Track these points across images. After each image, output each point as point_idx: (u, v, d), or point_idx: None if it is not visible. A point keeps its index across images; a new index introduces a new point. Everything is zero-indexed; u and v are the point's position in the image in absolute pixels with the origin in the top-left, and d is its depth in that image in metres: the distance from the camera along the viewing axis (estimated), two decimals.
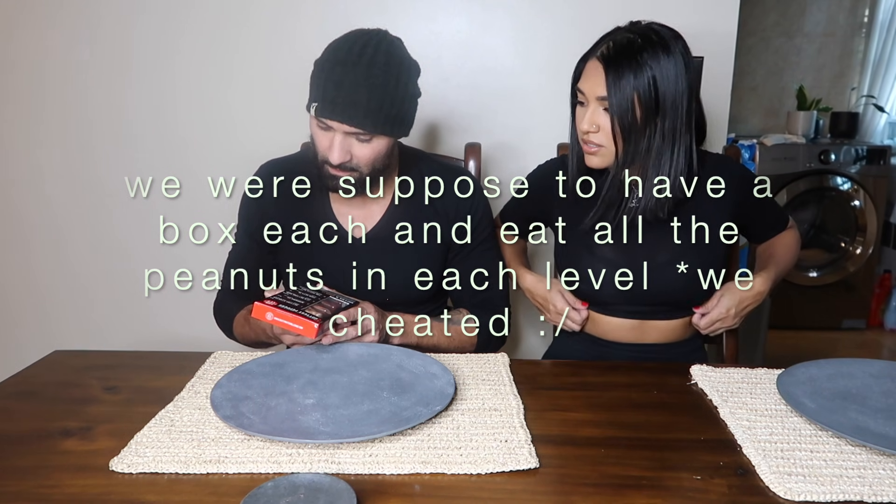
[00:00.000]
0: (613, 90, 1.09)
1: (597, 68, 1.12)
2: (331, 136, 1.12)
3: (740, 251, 1.54)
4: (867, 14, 3.52)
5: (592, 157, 1.17)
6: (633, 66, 1.08)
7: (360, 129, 1.10)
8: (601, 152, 1.15)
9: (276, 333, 1.07)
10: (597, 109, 1.13)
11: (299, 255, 1.25)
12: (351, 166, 1.14)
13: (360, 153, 1.13)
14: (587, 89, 1.13)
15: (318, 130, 1.13)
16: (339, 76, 1.08)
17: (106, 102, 1.84)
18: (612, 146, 1.13)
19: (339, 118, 1.08)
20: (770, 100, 3.62)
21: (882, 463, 0.78)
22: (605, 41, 1.14)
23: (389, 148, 1.17)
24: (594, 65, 1.12)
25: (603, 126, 1.13)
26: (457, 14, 1.76)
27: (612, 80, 1.09)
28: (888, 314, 3.23)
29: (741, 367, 1.06)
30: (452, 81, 1.79)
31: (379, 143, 1.14)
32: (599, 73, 1.11)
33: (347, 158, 1.12)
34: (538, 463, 0.79)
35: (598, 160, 1.17)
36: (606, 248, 1.22)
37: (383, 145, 1.15)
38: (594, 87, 1.12)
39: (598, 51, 1.13)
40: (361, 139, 1.12)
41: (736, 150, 1.45)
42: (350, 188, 1.16)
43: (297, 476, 0.73)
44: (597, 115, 1.13)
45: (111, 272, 1.94)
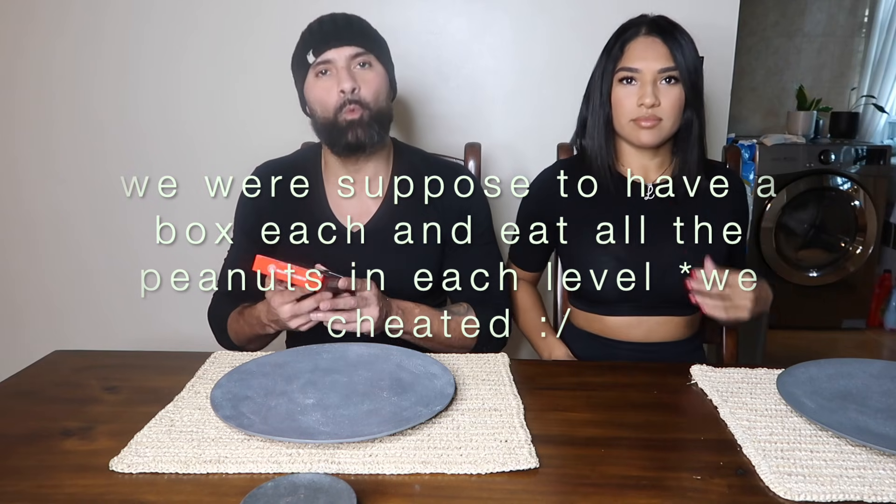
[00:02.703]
0: (681, 56, 1.14)
1: (654, 43, 1.15)
2: (333, 76, 1.15)
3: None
4: (867, 14, 3.52)
5: (649, 132, 1.17)
6: (685, 37, 1.15)
7: (359, 48, 1.15)
8: (660, 126, 1.17)
9: (275, 305, 1.04)
10: (655, 83, 1.15)
11: (297, 255, 1.25)
12: (359, 98, 1.15)
13: (363, 81, 1.16)
14: (644, 65, 1.15)
15: (319, 83, 1.17)
16: (326, 21, 1.18)
17: (113, 103, 1.84)
18: (670, 119, 1.16)
19: (337, 43, 1.14)
20: (770, 100, 3.63)
21: (882, 463, 0.78)
22: (643, 23, 1.18)
23: (388, 87, 1.21)
24: (648, 41, 1.16)
25: (663, 99, 1.15)
26: (457, 14, 1.76)
27: (676, 48, 1.14)
28: (888, 314, 3.23)
29: (741, 367, 1.06)
30: (452, 81, 1.79)
31: (378, 72, 1.18)
32: (658, 46, 1.15)
33: (356, 86, 1.15)
34: (538, 463, 0.79)
35: (655, 134, 1.17)
36: (609, 248, 1.22)
37: (382, 76, 1.19)
38: (655, 60, 1.15)
39: (641, 29, 1.17)
40: (362, 64, 1.16)
41: (736, 150, 1.45)
42: (364, 136, 1.16)
43: (297, 476, 0.73)
44: (655, 88, 1.15)
45: (118, 272, 1.94)
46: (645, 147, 1.20)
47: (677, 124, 1.18)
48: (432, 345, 1.19)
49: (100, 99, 1.84)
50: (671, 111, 1.16)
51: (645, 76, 1.15)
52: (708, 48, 1.67)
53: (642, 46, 1.16)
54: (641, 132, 1.17)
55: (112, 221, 1.91)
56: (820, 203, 3.16)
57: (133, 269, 1.92)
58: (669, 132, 1.18)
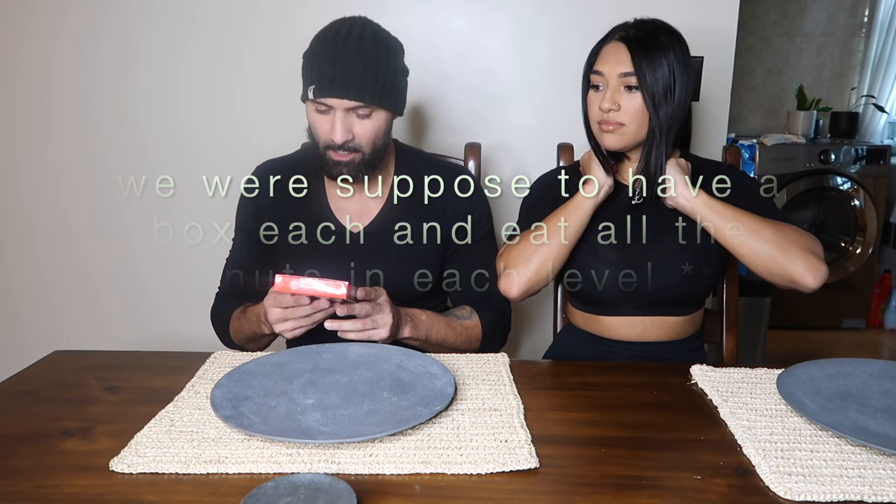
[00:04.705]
0: (642, 62, 1.13)
1: (618, 48, 1.16)
2: (331, 117, 1.13)
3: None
4: (867, 14, 3.52)
5: (610, 135, 1.18)
6: (656, 44, 1.14)
7: (359, 102, 1.11)
8: (619, 131, 1.17)
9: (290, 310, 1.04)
10: (617, 88, 1.15)
11: (297, 255, 1.25)
12: (353, 146, 1.14)
13: (360, 130, 1.14)
14: (607, 70, 1.16)
15: (316, 116, 1.15)
16: (331, 55, 1.11)
17: (113, 103, 1.84)
18: (633, 124, 1.16)
19: (339, 94, 1.10)
20: (770, 100, 3.62)
21: (882, 463, 0.78)
22: (621, 29, 1.18)
23: (388, 125, 1.19)
24: (614, 46, 1.17)
25: (624, 104, 1.15)
26: (457, 14, 1.76)
27: (638, 54, 1.13)
28: (888, 314, 3.23)
29: (741, 367, 1.05)
30: (452, 81, 1.79)
31: (378, 119, 1.15)
32: (622, 52, 1.15)
33: (350, 137, 1.13)
34: (538, 463, 0.79)
35: (616, 139, 1.18)
36: (609, 249, 1.22)
37: (382, 121, 1.16)
38: (616, 65, 1.15)
39: (615, 35, 1.18)
40: (361, 115, 1.14)
41: (736, 149, 1.45)
42: (353, 174, 1.16)
43: (297, 476, 0.73)
44: (617, 93, 1.15)
45: (118, 272, 1.95)
46: (610, 149, 1.20)
47: (643, 130, 1.17)
48: (437, 349, 1.19)
49: (99, 99, 1.84)
50: (632, 117, 1.16)
51: (609, 81, 1.16)
52: (708, 48, 1.67)
53: (608, 52, 1.17)
54: (604, 135, 1.19)
55: (112, 221, 1.91)
56: (820, 203, 3.16)
57: (133, 269, 1.93)
58: (634, 137, 1.18)
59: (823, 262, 1.12)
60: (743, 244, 1.12)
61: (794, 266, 1.09)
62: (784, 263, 1.10)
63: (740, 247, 1.13)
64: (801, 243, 1.12)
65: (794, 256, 1.10)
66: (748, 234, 1.11)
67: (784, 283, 1.13)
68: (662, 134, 1.16)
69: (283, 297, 1.03)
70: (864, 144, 3.09)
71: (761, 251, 1.11)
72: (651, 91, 1.14)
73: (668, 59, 1.14)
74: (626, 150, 1.21)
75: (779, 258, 1.10)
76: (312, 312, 1.04)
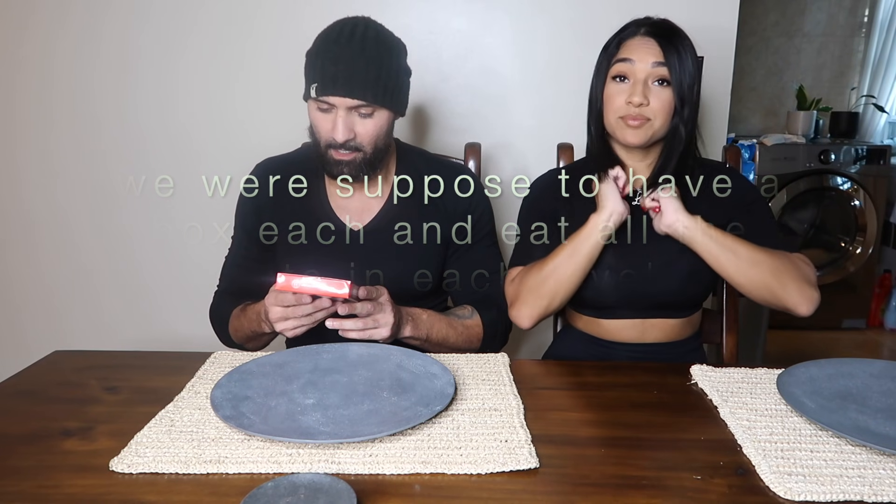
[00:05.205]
0: (673, 55, 1.13)
1: (647, 41, 1.15)
2: (332, 116, 1.13)
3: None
4: (867, 14, 3.52)
5: (635, 131, 1.16)
6: (684, 44, 1.14)
7: (361, 101, 1.11)
8: (648, 126, 1.16)
9: (290, 306, 1.04)
10: (646, 82, 1.15)
11: (297, 254, 1.25)
12: (354, 145, 1.14)
13: (362, 130, 1.14)
14: (637, 59, 1.15)
15: (318, 115, 1.15)
16: (334, 54, 1.11)
17: (113, 103, 1.84)
18: (659, 120, 1.15)
19: (341, 92, 1.10)
20: (770, 100, 3.63)
21: (882, 463, 0.78)
22: (643, 24, 1.17)
23: (390, 125, 1.19)
24: (642, 39, 1.16)
25: (653, 99, 1.14)
26: (457, 14, 1.76)
27: (669, 48, 1.13)
28: (888, 314, 3.23)
29: (741, 367, 1.06)
30: (452, 81, 1.79)
31: (380, 118, 1.15)
32: (652, 45, 1.14)
33: (351, 136, 1.13)
34: (538, 463, 0.79)
35: (641, 134, 1.16)
36: (608, 253, 1.21)
37: (384, 120, 1.16)
38: (647, 55, 1.14)
39: (639, 30, 1.17)
40: (363, 114, 1.13)
41: (736, 149, 1.45)
42: (354, 174, 1.16)
43: (297, 476, 0.73)
44: (646, 87, 1.15)
45: (118, 271, 1.94)
46: (631, 146, 1.19)
47: (666, 127, 1.17)
48: (438, 349, 1.19)
49: (99, 99, 1.84)
50: (660, 112, 1.15)
51: (637, 74, 1.15)
52: (708, 48, 1.67)
53: (638, 44, 1.16)
54: (627, 130, 1.17)
55: (112, 221, 1.91)
56: (820, 203, 3.16)
57: (133, 269, 1.93)
58: (657, 133, 1.17)
59: (817, 290, 1.15)
60: (738, 273, 1.13)
61: (789, 295, 1.13)
62: (779, 293, 1.13)
63: (736, 276, 1.14)
64: (795, 273, 1.13)
65: (788, 287, 1.12)
66: (744, 263, 1.12)
67: (778, 309, 1.16)
68: (686, 132, 1.16)
69: (285, 295, 1.03)
70: (864, 144, 3.10)
71: (757, 280, 1.12)
72: (680, 86, 1.13)
73: (691, 56, 1.14)
74: (644, 146, 1.20)
75: (774, 287, 1.12)
76: (314, 311, 1.04)
